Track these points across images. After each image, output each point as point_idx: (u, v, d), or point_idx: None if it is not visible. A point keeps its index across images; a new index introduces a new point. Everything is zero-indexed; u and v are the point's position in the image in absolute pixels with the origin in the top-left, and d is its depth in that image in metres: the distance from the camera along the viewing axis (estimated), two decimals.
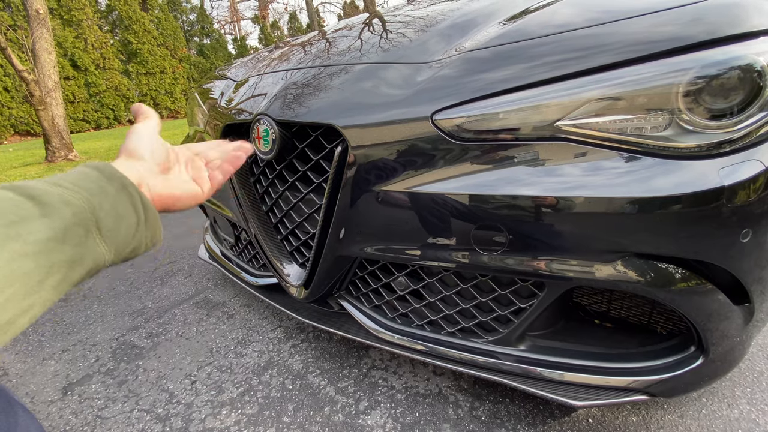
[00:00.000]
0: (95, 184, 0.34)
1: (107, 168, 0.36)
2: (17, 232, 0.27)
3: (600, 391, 0.71)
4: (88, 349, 1.23)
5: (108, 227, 0.33)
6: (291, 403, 0.96)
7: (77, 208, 0.31)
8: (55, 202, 0.30)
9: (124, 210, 0.34)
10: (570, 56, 0.65)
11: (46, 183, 0.32)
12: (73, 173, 0.35)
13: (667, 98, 0.59)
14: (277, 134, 0.84)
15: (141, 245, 0.37)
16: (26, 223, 0.28)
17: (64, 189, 0.32)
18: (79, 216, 0.31)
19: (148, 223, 0.37)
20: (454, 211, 0.69)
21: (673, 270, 0.63)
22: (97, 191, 0.33)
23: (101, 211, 0.33)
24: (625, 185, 0.59)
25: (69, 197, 0.31)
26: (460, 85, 0.69)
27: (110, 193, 0.34)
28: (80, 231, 0.30)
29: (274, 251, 1.03)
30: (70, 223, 0.30)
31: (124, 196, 0.35)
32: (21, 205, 0.29)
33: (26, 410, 0.39)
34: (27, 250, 0.27)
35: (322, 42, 1.15)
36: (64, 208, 0.30)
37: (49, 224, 0.29)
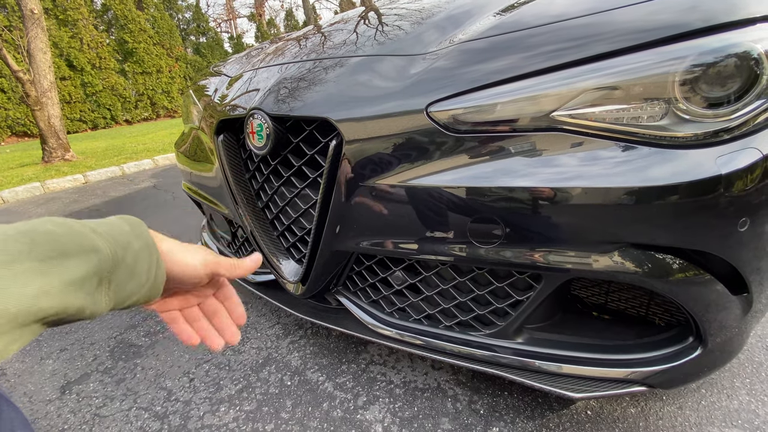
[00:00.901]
0: (124, 237, 0.34)
1: (138, 225, 0.37)
2: (49, 268, 0.27)
3: (598, 382, 0.71)
4: (86, 348, 1.22)
5: (118, 282, 0.33)
6: (289, 399, 0.95)
7: (103, 256, 0.31)
8: (87, 245, 0.31)
9: (140, 269, 0.35)
10: (566, 46, 0.65)
11: (83, 225, 0.32)
12: (106, 221, 0.36)
13: (664, 87, 0.59)
14: (271, 129, 0.84)
15: (138, 302, 0.37)
16: (57, 261, 0.28)
17: (97, 235, 0.32)
18: (101, 265, 0.31)
19: (155, 282, 0.37)
20: (450, 204, 0.68)
21: (670, 260, 0.62)
22: (123, 244, 0.34)
23: (122, 264, 0.33)
24: (622, 175, 0.58)
25: (99, 244, 0.32)
26: (455, 76, 0.68)
27: (134, 248, 0.35)
28: (95, 281, 0.31)
29: (271, 247, 1.02)
30: (92, 271, 0.30)
31: (145, 255, 0.36)
32: (57, 239, 0.29)
33: (10, 402, 0.38)
34: (50, 289, 0.27)
35: (317, 36, 1.14)
36: (92, 254, 0.31)
37: (76, 266, 0.29)
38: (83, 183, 3.96)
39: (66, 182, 3.87)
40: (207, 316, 0.48)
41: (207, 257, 0.44)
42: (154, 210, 2.67)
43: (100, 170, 4.13)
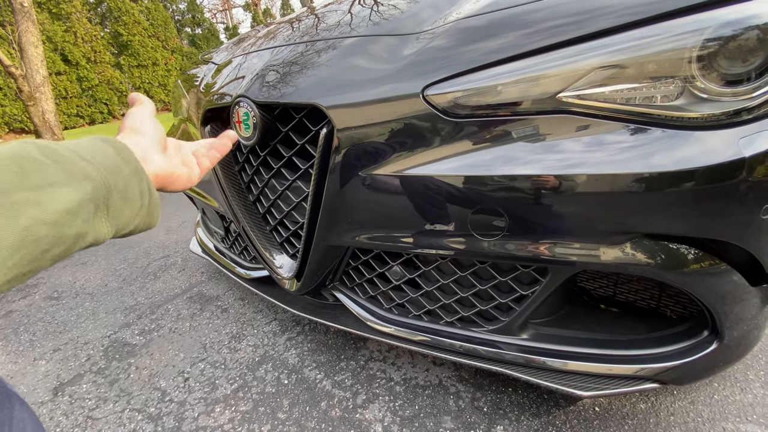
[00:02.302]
0: (112, 162, 0.34)
1: (124, 149, 0.36)
2: (40, 198, 0.27)
3: (607, 380, 0.68)
4: (79, 348, 1.19)
5: (115, 208, 0.33)
6: (286, 398, 0.93)
7: (96, 184, 0.31)
8: (78, 173, 0.31)
9: (132, 194, 0.35)
10: (570, 21, 0.59)
11: (70, 150, 0.32)
12: (90, 146, 0.34)
13: (679, 64, 0.54)
14: (258, 117, 0.79)
15: (138, 227, 0.37)
16: (50, 190, 0.28)
17: (87, 162, 0.32)
18: (95, 192, 0.31)
19: (150, 208, 0.38)
20: (450, 194, 0.64)
21: (685, 250, 0.58)
22: (114, 169, 0.34)
23: (114, 190, 0.33)
24: (635, 160, 0.54)
25: (91, 172, 0.31)
26: (452, 56, 0.63)
27: (125, 174, 0.35)
28: (91, 207, 0.31)
29: (264, 243, 0.98)
30: (86, 198, 0.30)
31: (135, 180, 0.36)
32: (47, 168, 0.29)
33: (23, 402, 0.38)
34: (45, 218, 0.27)
35: (309, 18, 1.09)
36: (85, 182, 0.31)
37: (70, 195, 0.29)
38: None
39: None
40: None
41: (185, 158, 0.47)
42: None
43: None
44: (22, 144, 0.30)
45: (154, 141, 0.43)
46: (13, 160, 0.28)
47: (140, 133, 0.42)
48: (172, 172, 0.44)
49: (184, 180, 0.45)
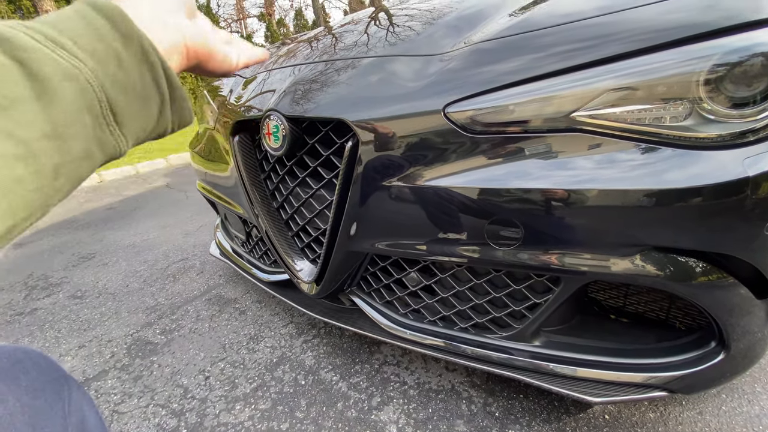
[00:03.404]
0: (105, 43, 0.23)
1: (121, 19, 0.24)
2: (5, 125, 0.19)
3: (617, 387, 0.70)
4: (103, 345, 1.24)
5: (123, 112, 0.24)
6: (304, 398, 0.96)
7: (82, 85, 0.22)
8: (54, 75, 0.21)
9: (142, 86, 0.25)
10: (585, 45, 0.64)
11: (37, 33, 0.21)
12: (71, 16, 0.23)
13: (688, 87, 0.58)
14: (287, 130, 0.84)
15: (165, 129, 0.28)
16: (17, 110, 0.20)
17: (63, 52, 0.22)
18: (85, 97, 0.22)
19: (174, 104, 0.28)
20: (467, 205, 0.68)
21: (693, 263, 0.61)
22: (107, 57, 0.23)
23: (114, 87, 0.23)
24: (645, 177, 0.57)
25: (71, 69, 0.22)
26: (473, 76, 0.68)
27: (125, 60, 0.24)
28: (86, 119, 0.22)
29: (286, 247, 1.03)
30: (73, 109, 0.22)
31: (144, 67, 0.25)
32: (9, 75, 0.20)
33: (80, 387, 0.39)
34: (19, 151, 0.20)
35: (329, 37, 1.14)
36: (65, 86, 0.21)
37: (48, 113, 0.21)
38: (98, 182, 4.03)
39: None
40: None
41: (226, 36, 0.35)
42: (168, 208, 2.70)
43: (114, 169, 4.19)
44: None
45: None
46: None
47: None
48: (206, 44, 0.31)
49: (224, 61, 0.34)
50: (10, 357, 0.35)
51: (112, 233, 2.30)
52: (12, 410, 0.30)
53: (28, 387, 0.33)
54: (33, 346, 1.28)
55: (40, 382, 0.34)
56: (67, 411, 0.36)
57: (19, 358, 0.35)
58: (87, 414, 0.39)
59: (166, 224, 2.35)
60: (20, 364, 0.34)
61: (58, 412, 0.34)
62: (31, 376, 0.34)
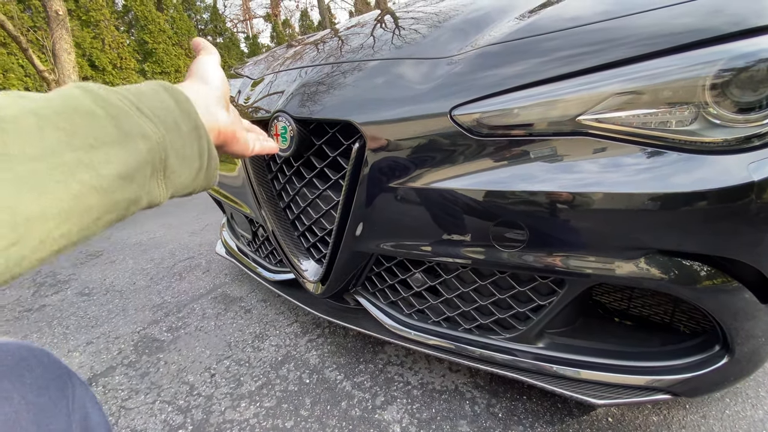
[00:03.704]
0: (171, 117, 0.31)
1: (185, 102, 0.32)
2: (92, 159, 0.24)
3: (621, 389, 0.71)
4: (111, 342, 1.26)
5: (173, 170, 0.31)
6: (308, 396, 0.97)
7: (153, 144, 0.28)
8: (135, 130, 0.27)
9: (191, 154, 0.32)
10: (591, 49, 0.64)
11: (127, 100, 0.28)
12: (150, 94, 0.30)
13: (693, 91, 0.58)
14: (295, 131, 0.85)
15: (196, 189, 0.35)
16: (103, 150, 0.25)
17: (145, 118, 0.28)
18: (152, 153, 0.28)
19: (209, 170, 0.35)
20: (473, 207, 0.69)
21: (698, 267, 0.61)
22: (172, 127, 0.30)
23: (172, 150, 0.30)
24: (650, 181, 0.58)
25: (148, 129, 0.28)
26: (480, 79, 0.69)
27: (183, 132, 0.31)
28: (148, 170, 0.28)
29: (291, 247, 1.04)
30: (142, 161, 0.27)
31: (195, 139, 0.32)
32: (101, 123, 0.25)
33: (83, 383, 0.39)
34: (96, 184, 0.24)
35: (335, 40, 1.16)
36: (140, 142, 0.27)
37: (124, 158, 0.26)
38: None
39: None
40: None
41: (246, 125, 0.45)
42: (174, 208, 2.72)
43: None
44: (73, 90, 0.26)
45: (219, 94, 0.39)
46: (63, 113, 0.24)
47: (207, 82, 0.38)
48: (235, 132, 0.40)
49: (243, 145, 0.42)
50: (14, 354, 0.34)
51: (118, 231, 2.32)
52: (17, 408, 0.30)
53: (32, 385, 0.33)
54: (41, 342, 1.30)
55: (45, 380, 0.34)
56: (71, 408, 0.36)
57: (23, 355, 0.35)
58: (90, 411, 0.39)
59: (172, 223, 2.37)
60: (25, 362, 0.34)
61: (63, 410, 0.34)
62: (36, 373, 0.34)
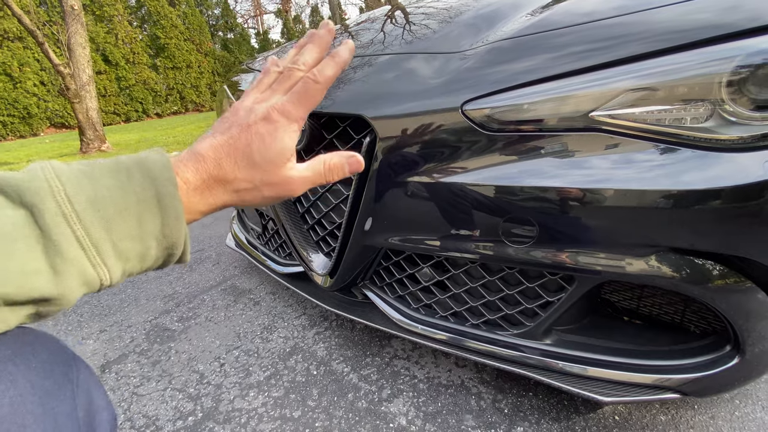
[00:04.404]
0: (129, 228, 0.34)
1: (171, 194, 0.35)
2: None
3: (629, 387, 0.70)
4: (123, 330, 1.29)
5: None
6: (315, 388, 0.98)
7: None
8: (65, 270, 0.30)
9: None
10: (605, 45, 0.64)
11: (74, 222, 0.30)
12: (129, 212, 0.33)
13: (710, 88, 0.57)
14: (307, 125, 0.86)
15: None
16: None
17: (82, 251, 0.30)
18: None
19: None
20: (483, 202, 0.69)
21: (710, 266, 0.61)
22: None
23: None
24: (664, 178, 0.57)
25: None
26: (492, 74, 0.68)
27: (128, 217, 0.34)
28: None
29: (301, 240, 1.05)
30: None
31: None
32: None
33: (88, 366, 0.40)
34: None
35: (345, 35, 1.16)
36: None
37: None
38: None
39: None
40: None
41: (295, 191, 0.42)
42: None
43: None
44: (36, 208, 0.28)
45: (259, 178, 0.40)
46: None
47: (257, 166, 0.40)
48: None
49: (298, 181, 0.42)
50: (19, 339, 0.34)
51: None
52: (22, 391, 0.30)
53: (37, 368, 0.33)
54: (57, 328, 1.34)
55: (50, 363, 0.34)
56: (76, 392, 0.36)
57: (28, 339, 0.35)
58: (94, 394, 0.39)
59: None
60: (30, 346, 0.34)
61: (68, 393, 0.34)
62: (41, 357, 0.34)
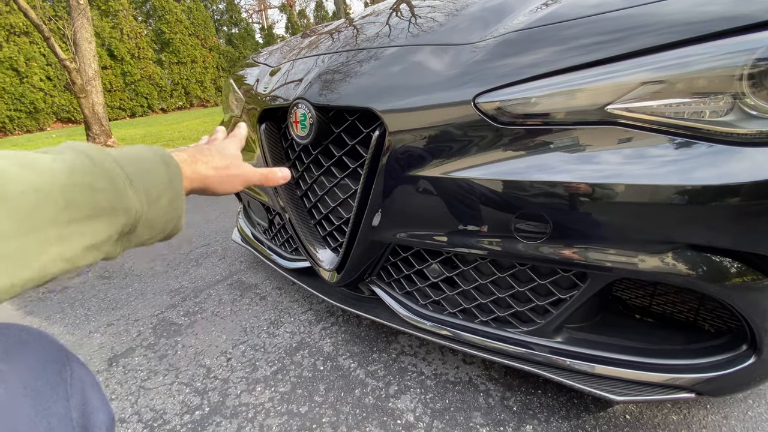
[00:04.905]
0: (157, 191, 0.36)
1: (176, 176, 0.39)
2: (71, 233, 0.28)
3: (642, 386, 0.69)
4: (130, 324, 1.29)
5: (136, 234, 0.35)
6: (322, 383, 0.98)
7: (130, 218, 0.33)
8: (120, 205, 0.32)
9: (158, 223, 0.37)
10: (621, 36, 0.62)
11: (122, 172, 0.32)
12: (147, 166, 0.35)
13: (730, 81, 0.56)
14: (315, 118, 0.85)
15: (146, 244, 0.38)
16: (85, 224, 0.29)
17: (133, 191, 0.32)
18: (127, 225, 0.33)
19: (168, 233, 0.39)
20: (496, 197, 0.67)
21: (728, 264, 0.59)
22: (154, 200, 0.35)
23: (145, 220, 0.35)
24: (682, 173, 0.56)
25: (132, 204, 0.33)
26: (505, 66, 0.67)
27: (162, 204, 0.36)
28: (115, 237, 0.32)
29: (308, 236, 1.04)
30: (115, 231, 0.32)
31: (170, 209, 0.38)
32: (96, 198, 0.29)
33: (81, 363, 0.39)
34: (66, 255, 0.29)
35: (351, 29, 1.14)
36: (122, 216, 0.32)
37: (102, 229, 0.30)
38: None
39: None
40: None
41: (249, 181, 0.51)
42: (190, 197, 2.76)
43: None
44: (81, 160, 0.29)
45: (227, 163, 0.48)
46: (65, 187, 0.27)
47: (223, 154, 0.49)
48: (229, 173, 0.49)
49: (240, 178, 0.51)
50: (11, 336, 0.34)
51: None
52: (14, 392, 0.29)
53: (30, 367, 0.32)
54: (64, 322, 1.34)
55: (42, 362, 0.34)
56: (70, 392, 0.36)
57: (19, 337, 0.34)
58: (89, 394, 0.38)
59: (187, 210, 2.40)
60: (21, 344, 0.34)
61: (61, 393, 0.34)
62: (33, 356, 0.34)
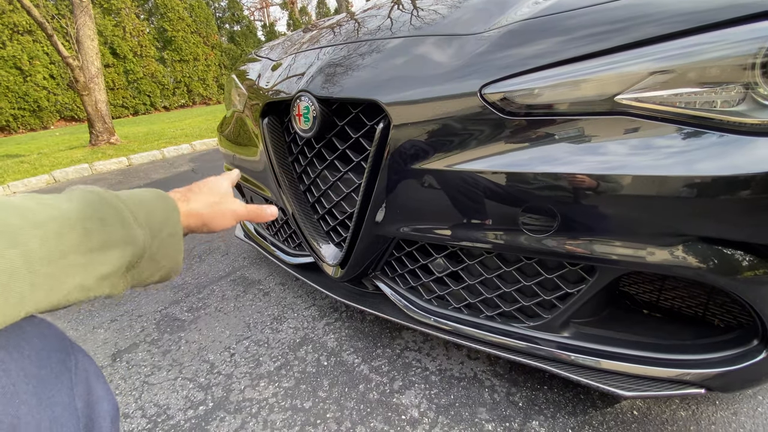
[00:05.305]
0: (158, 225, 0.38)
1: (173, 212, 0.41)
2: (91, 261, 0.31)
3: (651, 382, 0.68)
4: (134, 320, 1.29)
5: (140, 269, 0.38)
6: (326, 378, 0.97)
7: (137, 249, 0.36)
8: (128, 238, 0.35)
9: (161, 257, 0.39)
10: (630, 24, 0.61)
11: (125, 207, 0.34)
12: (147, 203, 0.38)
13: (741, 70, 0.54)
14: (318, 111, 0.84)
15: (151, 283, 0.41)
16: (103, 253, 0.32)
17: (138, 225, 0.35)
18: (133, 257, 0.36)
19: (171, 269, 0.42)
20: (503, 190, 0.66)
21: (740, 256, 0.58)
22: (156, 233, 0.38)
23: (148, 253, 0.38)
24: (694, 163, 0.54)
25: (138, 236, 0.36)
26: (512, 56, 0.66)
27: (162, 237, 0.39)
28: (123, 269, 0.36)
29: (311, 231, 1.04)
30: (125, 263, 0.35)
31: (169, 245, 0.41)
32: (109, 229, 0.32)
33: (85, 354, 0.39)
34: (85, 284, 0.31)
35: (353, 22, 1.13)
36: (130, 247, 0.35)
37: (113, 260, 0.33)
38: (127, 165, 4.16)
39: (112, 164, 4.08)
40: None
41: (239, 216, 0.54)
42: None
43: (142, 153, 4.32)
44: (89, 195, 0.32)
45: (218, 214, 0.51)
46: (81, 217, 0.29)
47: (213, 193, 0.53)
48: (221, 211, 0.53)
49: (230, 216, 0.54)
50: (15, 326, 0.33)
51: None
52: (15, 380, 0.29)
53: (31, 356, 0.32)
54: (69, 317, 1.35)
55: (45, 351, 0.34)
56: (74, 381, 0.35)
57: (21, 325, 0.33)
58: (93, 384, 0.38)
59: None
60: (23, 333, 0.33)
61: (65, 383, 0.34)
62: (36, 344, 0.33)
